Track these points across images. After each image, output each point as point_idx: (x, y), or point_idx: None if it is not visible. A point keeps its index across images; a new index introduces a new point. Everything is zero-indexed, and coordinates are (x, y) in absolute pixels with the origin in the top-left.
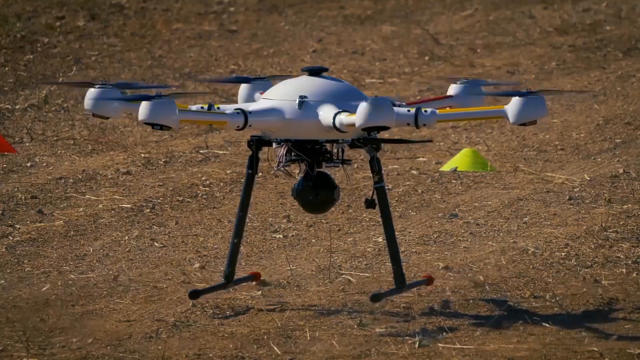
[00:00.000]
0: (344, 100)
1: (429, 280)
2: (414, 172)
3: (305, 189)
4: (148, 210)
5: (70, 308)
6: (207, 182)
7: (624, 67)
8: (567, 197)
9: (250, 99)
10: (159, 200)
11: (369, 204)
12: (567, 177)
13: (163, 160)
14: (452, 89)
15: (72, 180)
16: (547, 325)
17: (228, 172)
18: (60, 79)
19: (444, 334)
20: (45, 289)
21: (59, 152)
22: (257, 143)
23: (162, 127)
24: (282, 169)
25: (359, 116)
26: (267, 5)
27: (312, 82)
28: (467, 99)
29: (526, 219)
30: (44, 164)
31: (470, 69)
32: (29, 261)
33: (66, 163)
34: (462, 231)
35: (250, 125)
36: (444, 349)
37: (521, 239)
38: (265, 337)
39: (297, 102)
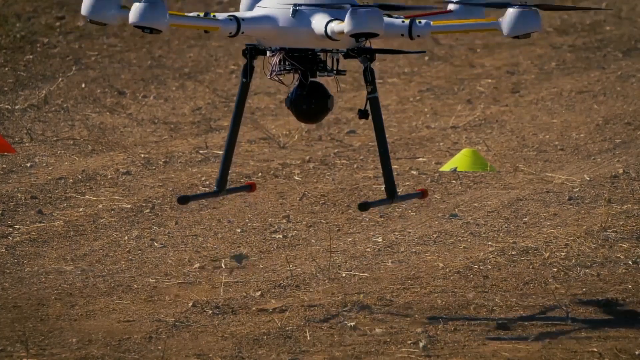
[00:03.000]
0: (338, 9)
1: (423, 194)
2: (414, 172)
3: (299, 98)
4: (148, 210)
5: (70, 308)
6: (207, 183)
7: (623, 67)
8: (567, 197)
9: (251, 9)
10: (158, 201)
11: (362, 114)
12: (567, 177)
13: (163, 160)
14: (452, 6)
15: (72, 181)
16: (548, 325)
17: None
18: (60, 79)
19: (444, 334)
20: (45, 289)
21: (58, 152)
22: (252, 51)
23: (151, 31)
24: (275, 77)
25: (347, 23)
26: None
27: None
28: (466, 13)
29: (526, 219)
30: (44, 164)
31: (470, 69)
32: (29, 261)
33: (66, 163)
34: (462, 231)
35: (243, 32)
36: (444, 349)
37: (521, 239)
38: (265, 337)
39: (290, 10)
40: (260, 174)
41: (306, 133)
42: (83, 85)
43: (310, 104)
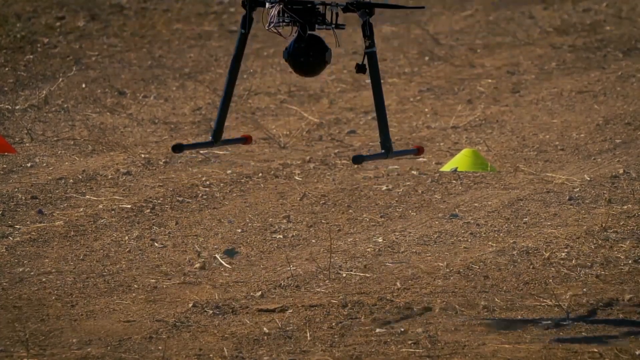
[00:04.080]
0: None
1: (418, 151)
2: (414, 172)
3: (297, 50)
4: (148, 210)
5: (70, 308)
6: (207, 183)
7: (624, 67)
8: (567, 198)
9: None
10: (159, 201)
11: (359, 68)
12: (567, 178)
13: (163, 160)
14: None
15: (72, 181)
16: (547, 325)
17: (228, 172)
18: (60, 79)
19: (444, 334)
20: (45, 289)
21: (59, 152)
22: (251, 3)
23: None
24: (273, 29)
25: None
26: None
27: None
28: None
29: (526, 219)
30: (44, 165)
31: (470, 69)
32: (29, 261)
33: (66, 163)
34: (462, 231)
35: None
36: (444, 349)
37: (521, 239)
38: (265, 337)
39: None
40: (260, 174)
41: (307, 133)
42: (83, 86)
43: (308, 56)
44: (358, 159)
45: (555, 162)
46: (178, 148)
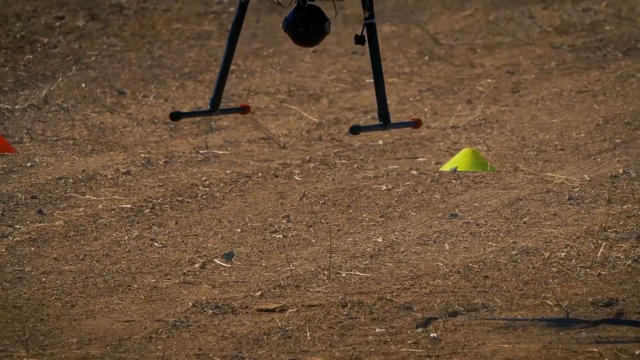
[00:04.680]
0: None
1: (416, 123)
2: (414, 172)
3: (296, 20)
4: (148, 210)
5: (70, 308)
6: (207, 183)
7: (623, 67)
8: (567, 197)
9: None
10: (158, 201)
11: (358, 39)
12: (567, 177)
13: (163, 160)
14: None
15: (72, 181)
16: (548, 325)
17: (228, 172)
18: (60, 78)
19: (444, 334)
20: (45, 288)
21: (58, 152)
22: None
23: None
24: None
25: None
26: (267, 5)
27: None
28: None
29: (526, 219)
30: (44, 164)
31: (470, 68)
32: (29, 261)
33: (66, 163)
34: (462, 231)
35: None
36: (444, 349)
37: (521, 239)
38: (265, 337)
39: None
40: (260, 174)
41: (306, 133)
42: (83, 85)
43: (307, 27)
44: (355, 129)
45: (555, 162)
46: (176, 116)
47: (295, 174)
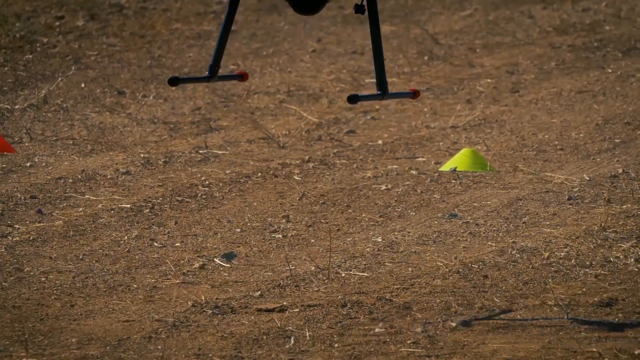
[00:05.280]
0: None
1: (414, 94)
2: (414, 172)
3: None
4: (147, 210)
5: (70, 308)
6: (207, 182)
7: (623, 67)
8: (567, 197)
9: None
10: (158, 200)
11: (358, 9)
12: (567, 177)
13: (162, 160)
14: None
15: (72, 180)
16: (548, 325)
17: (227, 172)
18: (60, 78)
19: (444, 334)
20: (44, 288)
21: (58, 152)
22: None
23: None
24: None
25: None
26: (267, 5)
27: None
28: None
29: (525, 219)
30: (44, 164)
31: (469, 68)
32: (29, 261)
33: (65, 163)
34: (462, 231)
35: None
36: (444, 349)
37: (520, 238)
38: (265, 337)
39: None
40: (259, 174)
41: (306, 133)
42: (82, 85)
43: None
44: (353, 98)
45: (555, 161)
46: (174, 81)
47: (295, 174)
